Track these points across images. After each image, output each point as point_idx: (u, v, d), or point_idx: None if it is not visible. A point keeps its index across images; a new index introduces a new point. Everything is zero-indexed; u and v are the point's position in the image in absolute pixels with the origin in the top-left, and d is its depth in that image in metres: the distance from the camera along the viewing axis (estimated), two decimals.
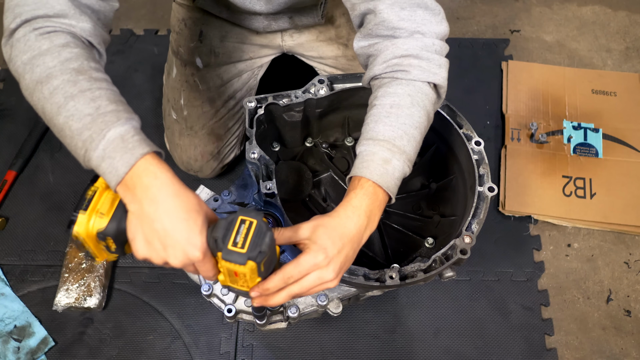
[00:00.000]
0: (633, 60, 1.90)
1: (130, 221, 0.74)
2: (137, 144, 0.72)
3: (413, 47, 0.90)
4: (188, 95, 1.43)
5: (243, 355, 1.39)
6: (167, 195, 0.71)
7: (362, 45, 0.96)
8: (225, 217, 0.72)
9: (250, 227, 0.70)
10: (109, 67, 1.83)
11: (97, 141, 0.71)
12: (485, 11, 2.02)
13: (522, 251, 1.54)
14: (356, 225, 0.82)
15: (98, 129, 0.71)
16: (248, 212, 0.71)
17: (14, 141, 1.66)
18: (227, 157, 1.53)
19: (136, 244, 0.74)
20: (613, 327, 1.45)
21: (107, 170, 0.71)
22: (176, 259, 0.72)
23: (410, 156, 0.88)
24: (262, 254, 0.70)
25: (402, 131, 0.88)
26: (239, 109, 1.48)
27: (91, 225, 0.76)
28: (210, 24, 1.38)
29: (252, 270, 0.71)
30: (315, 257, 0.77)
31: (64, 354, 1.38)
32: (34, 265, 1.50)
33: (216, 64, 1.40)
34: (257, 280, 0.75)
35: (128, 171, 0.70)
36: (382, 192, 0.85)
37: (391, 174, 0.86)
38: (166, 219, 0.70)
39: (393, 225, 1.21)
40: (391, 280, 0.94)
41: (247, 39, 1.39)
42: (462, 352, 1.40)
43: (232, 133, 1.50)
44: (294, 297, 0.80)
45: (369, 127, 0.89)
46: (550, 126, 1.72)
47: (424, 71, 0.90)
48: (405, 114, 0.88)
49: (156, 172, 0.71)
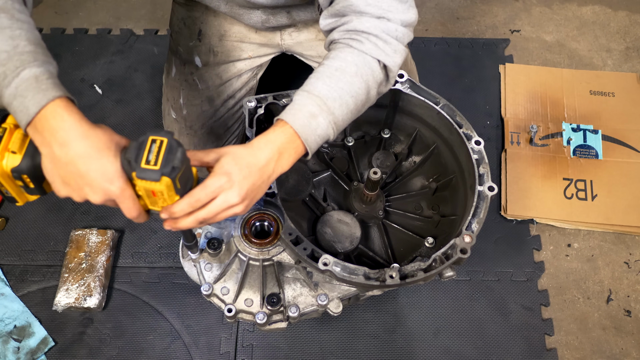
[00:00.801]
0: (633, 60, 1.90)
1: (44, 164, 0.74)
2: (50, 86, 0.71)
3: (375, 27, 0.93)
4: (187, 95, 1.43)
5: (243, 355, 1.39)
6: (75, 138, 0.71)
7: (328, 22, 0.99)
8: (137, 140, 0.73)
9: (161, 145, 0.71)
10: (109, 67, 1.85)
11: (10, 78, 0.71)
12: (485, 11, 2.02)
13: (522, 251, 1.54)
14: (266, 156, 0.84)
15: (13, 66, 0.71)
16: (158, 131, 0.72)
17: None
18: None
19: (55, 186, 0.75)
20: (613, 327, 1.44)
21: (17, 108, 0.71)
22: (96, 195, 0.73)
23: (337, 120, 0.91)
24: (176, 169, 0.71)
25: (338, 94, 0.90)
26: (239, 109, 1.48)
27: (4, 164, 0.76)
28: (209, 22, 1.38)
29: (168, 187, 0.72)
30: (219, 179, 0.79)
31: (64, 354, 1.38)
32: (34, 265, 1.50)
33: (215, 63, 1.40)
34: (175, 198, 0.76)
35: (38, 112, 0.70)
36: (300, 142, 0.88)
37: (314, 128, 0.88)
38: (79, 161, 0.71)
39: (393, 224, 1.21)
40: (391, 280, 0.94)
41: (246, 37, 1.39)
42: (462, 352, 1.40)
43: (232, 132, 1.50)
44: (203, 222, 0.82)
45: (310, 81, 0.92)
46: (550, 129, 1.72)
47: (378, 49, 0.93)
48: (346, 80, 0.91)
49: (63, 115, 0.71)
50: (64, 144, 0.71)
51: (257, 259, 1.03)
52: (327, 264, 0.95)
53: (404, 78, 1.15)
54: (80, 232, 1.49)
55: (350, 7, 0.94)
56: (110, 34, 1.93)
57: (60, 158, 0.71)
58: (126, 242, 1.54)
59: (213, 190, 0.79)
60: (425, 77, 1.83)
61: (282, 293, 1.05)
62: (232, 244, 1.06)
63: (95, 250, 1.46)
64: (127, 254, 1.52)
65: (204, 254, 1.08)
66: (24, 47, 0.73)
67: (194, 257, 1.06)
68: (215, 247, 1.06)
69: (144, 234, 1.55)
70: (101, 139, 0.73)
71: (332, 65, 0.93)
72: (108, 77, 1.81)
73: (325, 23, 1.00)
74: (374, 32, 0.93)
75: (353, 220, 1.14)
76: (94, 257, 1.45)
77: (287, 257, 1.03)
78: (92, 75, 1.81)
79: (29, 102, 0.70)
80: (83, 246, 1.46)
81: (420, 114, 1.18)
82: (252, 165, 0.83)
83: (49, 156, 0.73)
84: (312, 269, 1.00)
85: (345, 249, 1.11)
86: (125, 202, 0.74)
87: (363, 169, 1.28)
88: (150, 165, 0.70)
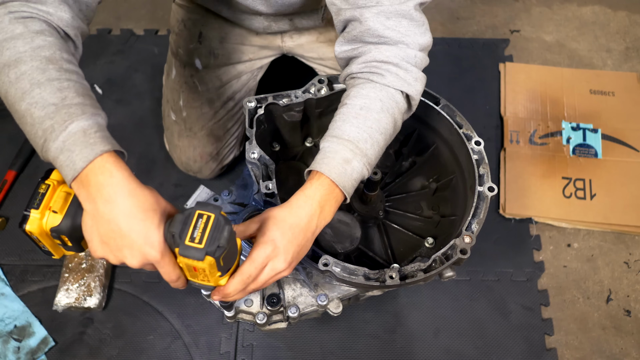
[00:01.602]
0: (633, 60, 1.90)
1: (85, 221, 0.72)
2: (98, 140, 0.69)
3: (395, 56, 0.91)
4: (187, 97, 1.43)
5: (243, 355, 1.39)
6: (122, 195, 0.68)
7: (344, 49, 0.97)
8: (183, 212, 0.70)
9: (208, 222, 0.68)
10: (110, 67, 1.85)
11: (57, 132, 0.69)
12: (485, 11, 2.02)
13: (522, 251, 1.54)
14: (307, 213, 0.83)
15: (61, 119, 0.69)
16: (206, 206, 0.70)
17: (14, 141, 1.66)
18: (227, 158, 1.53)
19: (93, 245, 0.72)
20: (613, 327, 1.45)
21: (64, 163, 0.69)
22: (134, 259, 0.70)
23: (371, 160, 0.90)
24: (221, 248, 0.68)
25: (368, 134, 0.89)
26: (238, 110, 1.48)
27: (44, 223, 0.75)
28: (210, 25, 1.38)
29: (211, 266, 0.70)
30: (265, 249, 0.78)
31: (64, 354, 1.38)
32: (34, 265, 1.50)
33: (215, 65, 1.40)
34: (217, 274, 0.74)
35: (85, 167, 0.68)
36: (338, 191, 0.86)
37: (349, 174, 0.87)
38: (122, 219, 0.68)
39: (393, 225, 1.21)
40: (391, 280, 0.94)
41: (246, 40, 1.39)
42: (462, 352, 1.40)
43: (231, 134, 1.50)
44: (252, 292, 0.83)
45: (336, 124, 0.91)
46: (549, 127, 1.72)
47: (400, 79, 0.92)
48: (373, 118, 0.90)
49: (112, 171, 0.69)
50: (110, 201, 0.68)
51: None
52: (327, 264, 0.95)
53: None
54: None
55: (369, 31, 0.91)
56: (111, 34, 1.93)
57: (104, 215, 0.69)
58: None
59: (261, 262, 0.78)
60: None
61: (282, 293, 1.05)
62: None
63: None
64: None
65: None
66: (72, 100, 0.71)
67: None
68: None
69: None
70: (148, 200, 0.70)
71: (356, 104, 0.91)
72: (108, 77, 1.81)
73: (341, 50, 0.97)
74: (393, 60, 0.91)
75: (353, 220, 1.15)
76: (94, 257, 1.45)
77: None
78: (92, 75, 1.81)
79: (76, 157, 0.68)
80: None
81: (421, 114, 1.18)
82: (295, 227, 0.81)
83: (92, 213, 0.70)
84: (312, 269, 1.00)
85: (345, 249, 1.11)
86: (165, 267, 0.71)
87: None
88: (194, 243, 0.67)
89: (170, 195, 1.60)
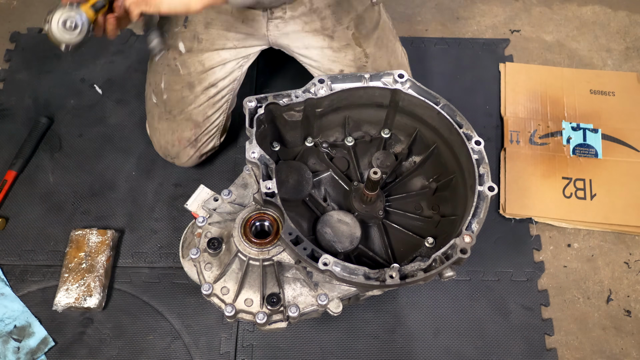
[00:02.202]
0: (633, 60, 1.90)
1: None
2: None
3: None
4: (169, 79, 1.45)
5: (243, 355, 1.39)
6: None
7: None
8: None
9: None
10: (109, 67, 1.85)
11: None
12: (485, 11, 2.02)
13: (522, 251, 1.54)
14: None
15: None
16: None
17: (14, 141, 1.66)
18: (205, 146, 1.54)
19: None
20: (613, 327, 1.45)
21: None
22: None
23: None
24: None
25: None
26: (221, 99, 1.49)
27: None
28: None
29: None
30: None
31: (63, 354, 1.38)
32: (34, 265, 1.50)
33: (199, 50, 1.42)
34: None
35: None
36: None
37: None
38: None
39: (393, 224, 1.21)
40: (391, 280, 0.94)
41: (232, 27, 1.40)
42: (462, 352, 1.40)
43: (211, 122, 1.51)
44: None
45: None
46: (549, 127, 1.72)
47: None
48: None
49: None
50: None
51: (257, 259, 1.03)
52: (327, 264, 0.95)
53: (404, 78, 1.15)
54: (80, 232, 1.49)
55: None
56: None
57: None
58: (126, 242, 1.54)
59: None
60: (425, 77, 1.83)
61: (282, 293, 1.05)
62: (232, 243, 1.06)
63: (95, 250, 1.46)
64: (127, 254, 1.52)
65: (203, 254, 1.08)
66: None
67: (194, 256, 1.06)
68: (215, 247, 1.06)
69: (144, 234, 1.55)
70: None
71: None
72: (108, 77, 1.81)
73: None
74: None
75: (353, 220, 1.15)
76: (94, 257, 1.45)
77: (287, 257, 1.03)
78: (92, 75, 1.81)
79: None
80: (83, 246, 1.46)
81: (421, 114, 1.18)
82: None
83: None
84: (312, 269, 1.00)
85: (345, 249, 1.11)
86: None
87: (363, 169, 1.28)
88: None
89: (170, 195, 1.60)
